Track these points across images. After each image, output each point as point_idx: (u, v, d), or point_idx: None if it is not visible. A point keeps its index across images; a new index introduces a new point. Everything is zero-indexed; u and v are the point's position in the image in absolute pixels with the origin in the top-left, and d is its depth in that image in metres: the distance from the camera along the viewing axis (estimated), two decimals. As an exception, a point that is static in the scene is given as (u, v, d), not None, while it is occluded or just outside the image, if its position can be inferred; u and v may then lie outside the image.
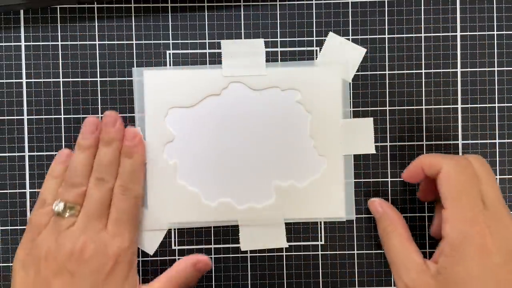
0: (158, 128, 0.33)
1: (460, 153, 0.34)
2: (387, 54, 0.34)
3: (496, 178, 0.34)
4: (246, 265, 0.34)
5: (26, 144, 0.33)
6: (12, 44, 0.33)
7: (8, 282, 0.33)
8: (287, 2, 0.34)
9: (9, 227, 0.33)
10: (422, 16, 0.34)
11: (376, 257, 0.34)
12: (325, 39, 0.34)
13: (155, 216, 0.33)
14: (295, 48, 0.34)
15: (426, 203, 0.34)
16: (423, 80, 0.34)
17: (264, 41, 0.34)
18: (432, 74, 0.34)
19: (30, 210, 0.33)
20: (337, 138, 0.34)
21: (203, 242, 0.34)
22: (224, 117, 0.34)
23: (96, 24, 0.34)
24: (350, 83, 0.34)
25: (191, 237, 0.34)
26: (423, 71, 0.34)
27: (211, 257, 0.34)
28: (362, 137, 0.34)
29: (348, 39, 0.34)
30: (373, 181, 0.34)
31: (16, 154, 0.33)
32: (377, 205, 0.32)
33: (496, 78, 0.34)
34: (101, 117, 0.34)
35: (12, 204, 0.33)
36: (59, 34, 0.33)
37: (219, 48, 0.34)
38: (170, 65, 0.34)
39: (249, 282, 0.34)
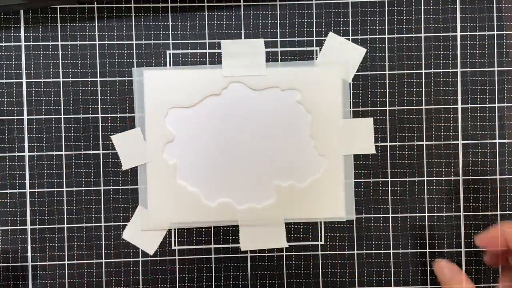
0: (158, 128, 0.33)
1: (460, 153, 0.34)
2: (387, 54, 0.34)
3: (496, 179, 0.34)
4: (246, 265, 0.34)
5: (26, 144, 0.33)
6: (12, 44, 0.33)
7: (8, 282, 0.33)
8: (287, 2, 0.34)
9: (9, 227, 0.33)
10: (422, 16, 0.34)
11: (376, 257, 0.34)
12: (325, 39, 0.34)
13: (155, 216, 0.33)
14: (295, 48, 0.34)
15: (426, 203, 0.34)
16: (423, 80, 0.34)
17: (264, 41, 0.34)
18: (432, 74, 0.34)
19: (30, 210, 0.33)
20: (337, 138, 0.34)
21: (203, 242, 0.34)
22: (224, 117, 0.34)
23: (96, 24, 0.34)
24: (350, 83, 0.34)
25: (191, 237, 0.34)
26: (423, 71, 0.34)
27: (211, 257, 0.34)
28: (362, 137, 0.34)
29: (348, 39, 0.34)
30: (373, 181, 0.34)
31: (16, 154, 0.33)
32: (446, 273, 0.30)
33: (496, 78, 0.34)
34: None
35: (12, 204, 0.33)
36: (59, 34, 0.33)
37: (219, 48, 0.34)
38: (170, 65, 0.34)
39: (249, 282, 0.34)
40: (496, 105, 0.34)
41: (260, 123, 0.34)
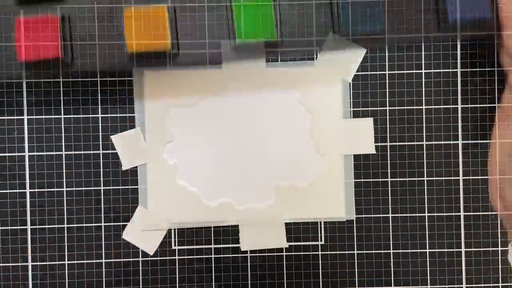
0: (158, 128, 0.33)
1: (460, 153, 0.34)
2: (387, 54, 0.34)
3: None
4: (246, 265, 0.34)
5: (26, 144, 0.33)
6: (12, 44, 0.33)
7: (8, 282, 0.33)
8: (287, 2, 0.34)
9: (9, 227, 0.33)
10: (422, 17, 0.34)
11: (376, 257, 0.34)
12: (325, 39, 0.34)
13: (155, 216, 0.33)
14: (295, 48, 0.34)
15: (426, 203, 0.34)
16: (423, 80, 0.34)
17: (264, 41, 0.34)
18: (432, 74, 0.34)
19: (30, 210, 0.33)
20: (337, 138, 0.34)
21: (203, 242, 0.34)
22: (224, 117, 0.34)
23: (96, 24, 0.34)
24: (350, 83, 0.34)
25: (191, 237, 0.34)
26: (423, 71, 0.34)
27: (211, 257, 0.34)
28: (362, 137, 0.34)
29: (348, 39, 0.34)
30: (373, 181, 0.34)
31: (16, 154, 0.33)
32: None
33: (496, 78, 0.34)
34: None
35: (12, 204, 0.33)
36: (59, 34, 0.34)
37: (219, 48, 0.34)
38: (170, 65, 0.34)
39: (249, 282, 0.34)
40: (496, 105, 0.34)
41: (260, 123, 0.34)
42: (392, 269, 0.34)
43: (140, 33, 0.26)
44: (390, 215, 0.34)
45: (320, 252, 0.34)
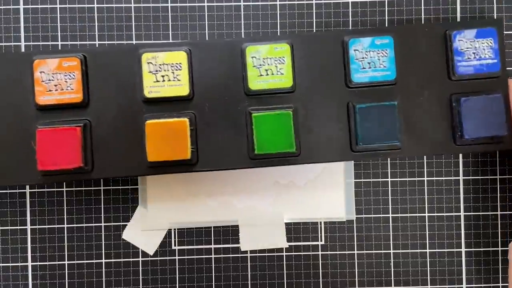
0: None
1: (460, 154, 0.34)
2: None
3: (496, 179, 0.34)
4: (246, 265, 0.34)
5: (26, 144, 0.33)
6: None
7: (8, 282, 0.33)
8: (287, 2, 0.34)
9: (9, 227, 0.33)
10: (422, 16, 0.34)
11: (376, 257, 0.34)
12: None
13: (155, 216, 0.33)
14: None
15: (426, 203, 0.34)
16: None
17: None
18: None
19: (30, 210, 0.33)
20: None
21: (203, 242, 0.34)
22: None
23: (97, 24, 0.34)
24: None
25: (191, 237, 0.34)
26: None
27: (211, 257, 0.34)
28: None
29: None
30: (373, 181, 0.34)
31: (16, 154, 0.33)
32: None
33: (496, 78, 0.34)
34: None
35: (12, 204, 0.33)
36: (59, 33, 0.34)
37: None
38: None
39: (249, 282, 0.34)
40: None
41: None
42: (392, 269, 0.34)
43: (160, 144, 0.28)
44: (390, 215, 0.34)
45: (320, 252, 0.34)
